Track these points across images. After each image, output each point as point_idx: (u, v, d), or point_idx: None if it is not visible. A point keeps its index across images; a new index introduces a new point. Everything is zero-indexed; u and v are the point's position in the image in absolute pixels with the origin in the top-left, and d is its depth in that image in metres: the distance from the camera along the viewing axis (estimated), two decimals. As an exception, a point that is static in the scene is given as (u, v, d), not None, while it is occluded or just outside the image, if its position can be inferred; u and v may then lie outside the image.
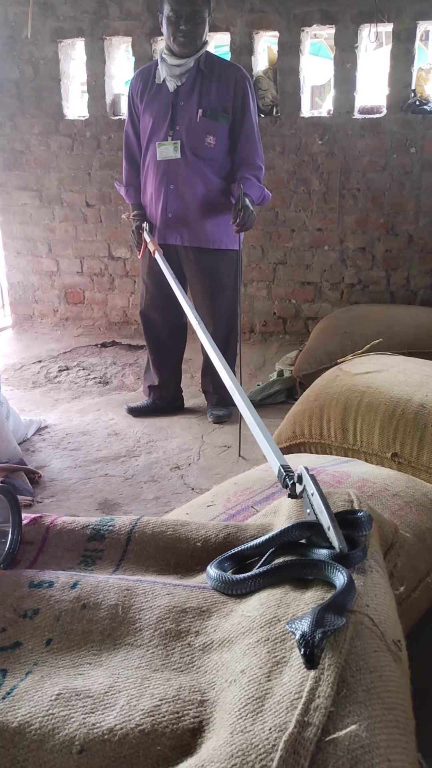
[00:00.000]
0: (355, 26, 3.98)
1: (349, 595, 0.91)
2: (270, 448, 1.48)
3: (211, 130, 3.09)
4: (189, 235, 3.19)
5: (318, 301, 4.52)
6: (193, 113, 3.07)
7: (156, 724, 0.80)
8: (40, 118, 4.69)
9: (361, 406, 2.36)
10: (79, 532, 1.22)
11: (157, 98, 3.13)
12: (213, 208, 3.15)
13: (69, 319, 5.06)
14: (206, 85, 3.07)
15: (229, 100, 3.07)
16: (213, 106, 3.07)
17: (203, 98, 3.07)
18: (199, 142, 3.09)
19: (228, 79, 3.07)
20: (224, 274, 3.20)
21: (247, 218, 3.01)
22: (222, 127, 3.09)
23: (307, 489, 1.17)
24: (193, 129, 3.08)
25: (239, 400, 1.82)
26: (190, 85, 3.07)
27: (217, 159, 3.13)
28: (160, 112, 3.11)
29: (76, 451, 3.15)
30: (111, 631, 0.99)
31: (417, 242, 4.24)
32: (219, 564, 1.08)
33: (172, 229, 3.20)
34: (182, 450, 3.13)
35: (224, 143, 3.12)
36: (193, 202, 3.15)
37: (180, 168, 3.12)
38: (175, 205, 3.16)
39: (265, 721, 0.75)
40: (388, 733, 0.74)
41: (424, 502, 1.72)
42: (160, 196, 3.17)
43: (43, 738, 0.82)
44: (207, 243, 3.20)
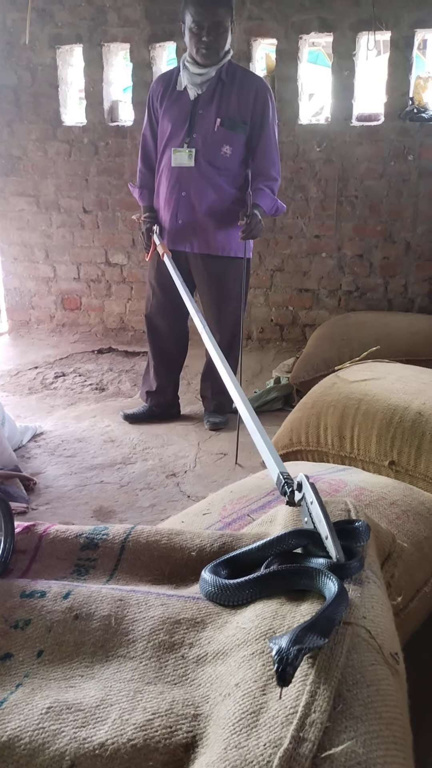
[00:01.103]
0: (353, 34, 3.99)
1: (339, 608, 0.89)
2: (270, 455, 1.47)
3: (228, 140, 3.08)
4: (198, 242, 3.19)
5: (315, 308, 4.51)
6: (211, 122, 3.06)
7: (148, 739, 0.78)
8: (38, 124, 4.69)
9: (358, 413, 2.35)
10: (72, 541, 1.21)
11: (177, 105, 3.12)
12: (224, 217, 3.13)
13: (66, 325, 5.04)
14: (226, 94, 3.06)
15: (248, 111, 3.06)
16: (232, 116, 3.06)
17: (222, 108, 3.06)
18: (215, 152, 3.08)
19: (249, 89, 3.06)
20: (232, 281, 3.18)
21: (254, 226, 3.00)
22: (239, 137, 3.09)
23: (307, 497, 1.16)
24: (210, 138, 3.07)
25: (242, 407, 1.81)
26: (210, 94, 3.06)
27: (231, 169, 3.12)
28: (179, 119, 3.10)
29: (72, 457, 3.13)
30: (103, 643, 0.97)
31: (414, 249, 4.24)
32: (214, 569, 1.07)
33: (181, 236, 3.19)
34: (178, 457, 3.11)
35: (240, 154, 3.11)
36: (204, 211, 3.13)
37: (193, 176, 3.10)
38: (185, 212, 3.15)
39: (259, 736, 0.73)
40: (385, 748, 0.73)
41: (421, 510, 1.70)
42: (172, 202, 3.17)
43: (33, 753, 0.80)
44: (216, 250, 3.19)
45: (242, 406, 1.81)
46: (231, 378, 1.99)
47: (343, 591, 0.91)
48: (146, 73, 4.38)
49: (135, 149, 4.54)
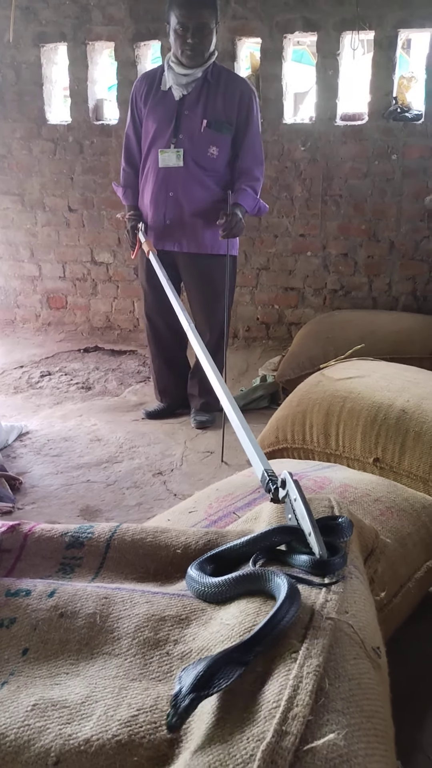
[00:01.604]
0: (337, 34, 4.01)
1: (285, 617, 0.87)
2: (255, 452, 1.48)
3: (214, 141, 3.09)
4: (187, 241, 3.20)
5: (301, 307, 4.53)
6: (197, 123, 3.08)
7: (133, 735, 0.79)
8: (22, 123, 4.67)
9: (343, 411, 2.36)
10: (57, 540, 1.21)
11: (162, 105, 3.12)
12: (211, 216, 3.14)
13: (51, 324, 5.03)
14: (212, 96, 3.07)
15: (233, 113, 3.08)
16: (218, 117, 3.08)
17: (208, 109, 3.07)
18: (202, 153, 3.10)
19: (234, 91, 3.07)
20: (219, 279, 3.20)
21: (234, 225, 3.02)
22: (225, 138, 3.10)
23: (290, 494, 1.17)
24: (196, 139, 3.09)
25: (227, 404, 1.82)
26: (195, 95, 3.07)
27: (218, 170, 3.14)
28: (164, 119, 3.11)
29: (58, 457, 3.12)
30: (88, 641, 0.98)
31: (398, 248, 4.27)
32: (200, 566, 1.08)
33: (170, 236, 3.20)
34: (165, 456, 3.11)
35: (226, 154, 3.13)
36: (192, 210, 3.15)
37: (180, 176, 3.12)
38: (173, 212, 3.16)
39: (243, 730, 0.74)
40: (366, 741, 0.74)
41: (405, 507, 1.72)
42: (159, 202, 3.18)
43: (18, 749, 0.80)
44: (204, 248, 3.20)
45: (228, 405, 1.82)
46: (217, 377, 2.00)
47: (290, 597, 0.89)
48: (131, 72, 4.37)
49: (120, 148, 4.51)
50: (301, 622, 0.87)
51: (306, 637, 0.84)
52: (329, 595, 0.93)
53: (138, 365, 4.38)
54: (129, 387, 4.02)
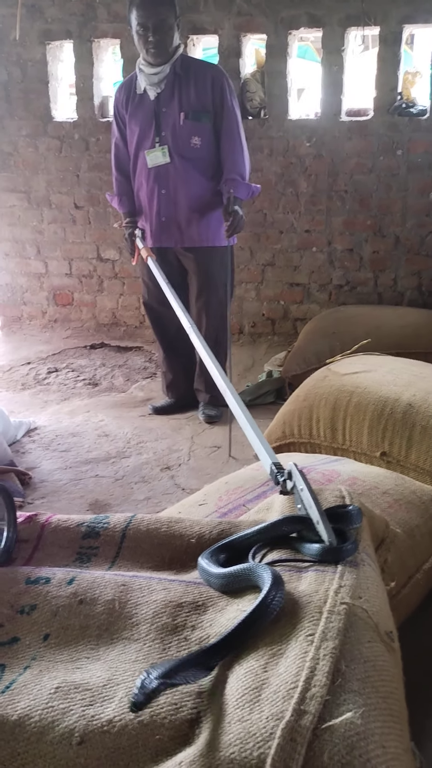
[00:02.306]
0: (341, 29, 4.01)
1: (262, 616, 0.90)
2: (261, 446, 1.50)
3: (195, 132, 3.13)
4: (183, 236, 3.24)
5: (306, 302, 4.54)
6: (176, 117, 3.12)
7: (155, 715, 0.82)
8: (29, 120, 4.68)
9: (350, 405, 2.38)
10: (74, 530, 1.23)
11: (141, 108, 3.18)
12: (204, 208, 3.19)
13: (58, 320, 5.05)
14: (185, 88, 3.11)
15: (208, 99, 3.12)
16: (194, 107, 3.12)
17: (183, 101, 3.11)
18: (185, 145, 3.14)
19: (204, 78, 3.11)
20: (217, 270, 3.23)
21: (237, 222, 3.07)
22: (205, 126, 3.14)
23: (297, 485, 1.19)
24: (177, 133, 3.13)
25: (230, 399, 1.84)
26: (169, 91, 3.12)
27: (204, 158, 3.17)
28: (145, 121, 3.16)
29: (66, 452, 3.15)
30: (108, 626, 1.00)
31: (404, 243, 4.28)
32: (212, 554, 1.10)
33: (166, 233, 3.24)
34: (172, 450, 3.14)
35: (209, 142, 3.16)
36: (185, 204, 3.19)
37: (170, 172, 3.16)
38: (167, 208, 3.21)
39: (262, 710, 0.76)
40: (382, 720, 0.76)
41: (413, 499, 1.74)
42: (153, 201, 3.22)
43: (43, 730, 0.83)
44: (200, 242, 3.24)
45: (231, 399, 1.84)
46: (219, 372, 2.02)
47: (269, 597, 0.92)
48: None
49: (126, 145, 4.56)
50: (316, 607, 0.89)
51: (321, 621, 0.86)
52: (343, 580, 0.95)
53: (144, 361, 4.40)
54: (135, 383, 4.04)
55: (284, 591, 0.94)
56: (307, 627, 0.86)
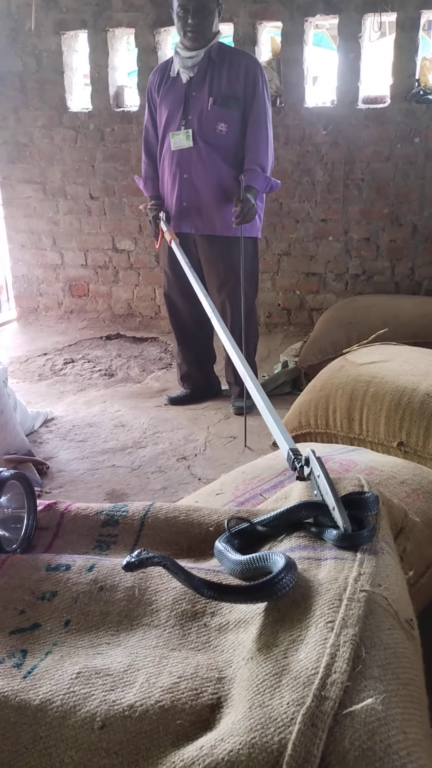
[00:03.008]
0: (358, 16, 3.97)
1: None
2: (280, 432, 1.50)
3: (222, 118, 3.11)
4: (203, 223, 3.22)
5: (322, 292, 4.52)
6: (204, 102, 3.10)
7: (175, 701, 0.82)
8: (44, 111, 4.69)
9: (366, 395, 2.37)
10: (93, 518, 1.24)
11: (172, 90, 3.17)
12: (225, 196, 3.17)
13: (74, 311, 5.07)
14: (217, 73, 3.09)
15: (239, 87, 3.09)
16: (224, 93, 3.09)
17: (214, 87, 3.09)
18: (211, 130, 3.12)
19: (238, 66, 3.09)
20: (236, 261, 3.21)
21: (246, 212, 3.03)
22: (233, 114, 3.11)
23: (314, 471, 1.20)
24: (204, 117, 3.11)
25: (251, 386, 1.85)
26: (201, 76, 3.11)
27: (228, 146, 3.15)
28: (174, 104, 3.15)
29: (83, 442, 3.17)
30: (128, 612, 1.01)
31: (421, 232, 4.24)
32: (228, 539, 1.10)
33: (186, 218, 3.23)
34: (188, 441, 3.14)
35: (236, 130, 3.14)
36: (206, 191, 3.17)
37: (192, 157, 3.15)
38: (188, 193, 3.20)
39: (282, 695, 0.77)
40: (403, 707, 0.76)
41: (430, 489, 1.73)
42: (175, 185, 3.21)
43: (65, 715, 0.84)
44: (220, 230, 3.22)
45: (251, 385, 1.84)
46: (240, 359, 2.02)
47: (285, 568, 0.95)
48: (151, 58, 4.38)
49: (141, 134, 4.52)
50: (336, 594, 0.90)
51: (341, 608, 0.87)
52: (363, 568, 0.95)
53: (160, 352, 4.41)
54: (151, 374, 4.05)
55: (296, 574, 0.95)
56: (327, 614, 0.86)
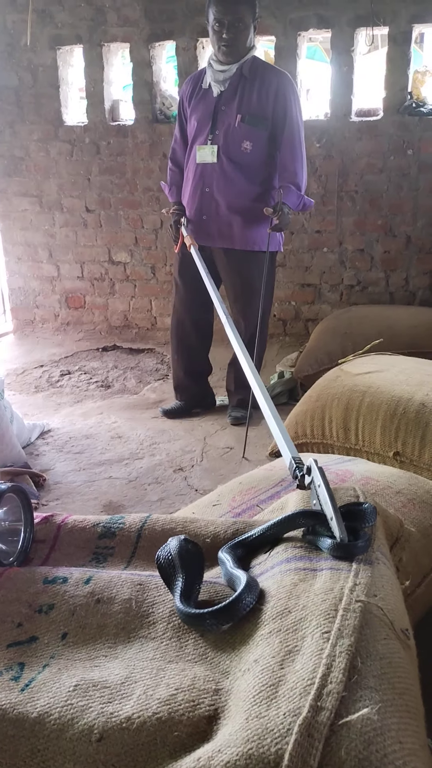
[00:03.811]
0: (351, 30, 4.02)
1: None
2: (284, 441, 1.52)
3: (248, 136, 3.11)
4: (221, 237, 3.23)
5: (318, 303, 4.55)
6: (232, 118, 3.10)
7: (173, 712, 0.82)
8: (40, 125, 4.72)
9: (362, 405, 2.38)
10: (90, 530, 1.25)
11: (203, 102, 3.18)
12: (246, 212, 3.17)
13: (70, 323, 5.08)
14: (248, 90, 3.09)
15: (269, 107, 3.08)
16: (252, 111, 3.09)
17: (243, 104, 3.09)
18: (236, 147, 3.12)
19: (269, 84, 3.08)
20: (255, 275, 3.21)
21: (282, 221, 3.04)
22: (260, 133, 3.11)
23: (315, 481, 1.21)
24: (231, 134, 3.12)
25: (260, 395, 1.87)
26: (232, 91, 3.10)
27: (252, 164, 3.15)
28: (203, 116, 3.16)
29: (80, 454, 3.17)
30: (125, 625, 1.01)
31: (415, 243, 4.27)
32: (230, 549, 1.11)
33: (205, 231, 3.24)
34: (185, 452, 3.15)
35: (261, 149, 3.14)
36: (227, 206, 3.18)
37: (216, 172, 3.16)
38: (209, 207, 3.20)
39: (279, 706, 0.77)
40: (399, 716, 0.76)
41: (427, 499, 1.74)
42: (196, 198, 3.22)
43: (63, 727, 0.84)
44: (239, 244, 3.22)
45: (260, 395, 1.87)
46: (251, 369, 2.04)
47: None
48: (146, 72, 4.42)
49: (136, 148, 4.58)
50: (332, 605, 0.90)
51: (337, 618, 0.87)
52: (358, 578, 0.96)
53: (156, 363, 4.42)
54: (148, 385, 4.06)
55: (256, 595, 1.00)
56: (323, 624, 0.87)
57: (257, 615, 0.96)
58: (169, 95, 4.56)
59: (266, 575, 1.07)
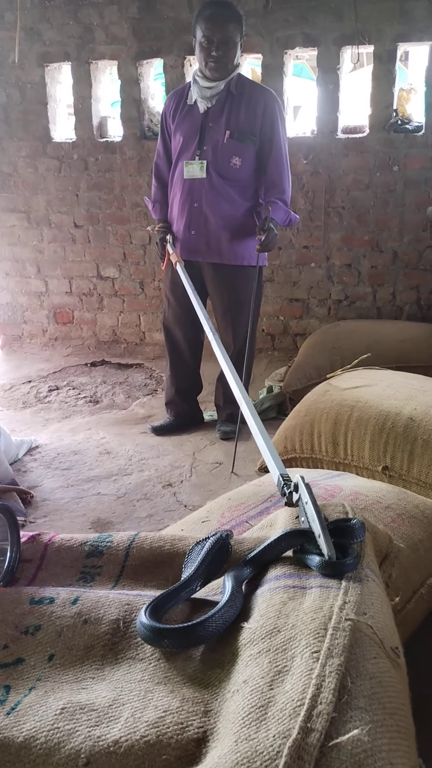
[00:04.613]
0: (336, 48, 4.06)
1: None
2: (271, 458, 1.51)
3: (237, 152, 3.13)
4: (211, 252, 3.23)
5: (306, 318, 4.56)
6: (220, 135, 3.12)
7: (161, 735, 0.81)
8: (28, 141, 4.73)
9: (351, 420, 2.39)
10: (77, 549, 1.23)
11: (188, 118, 3.19)
12: (235, 228, 3.19)
13: (58, 339, 5.07)
14: (235, 107, 3.11)
15: (257, 123, 3.11)
16: (241, 128, 3.12)
17: (231, 121, 3.11)
18: (225, 163, 3.14)
19: (257, 102, 3.11)
20: (243, 290, 3.22)
21: (270, 240, 3.06)
22: (249, 149, 3.14)
23: (303, 498, 1.20)
24: (219, 150, 3.13)
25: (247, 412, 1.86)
26: (219, 108, 3.12)
27: (241, 180, 3.17)
28: (190, 133, 3.17)
29: (68, 470, 3.15)
30: (113, 646, 1.00)
31: (402, 258, 4.30)
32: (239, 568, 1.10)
33: (194, 247, 3.24)
34: (174, 467, 3.13)
35: (250, 165, 3.16)
36: (216, 221, 3.19)
37: (204, 187, 3.17)
38: (197, 223, 3.21)
39: (269, 728, 0.76)
40: (389, 737, 0.76)
41: (416, 514, 1.74)
42: (184, 213, 3.22)
43: (49, 752, 0.82)
44: (228, 259, 3.23)
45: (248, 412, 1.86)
46: (238, 385, 2.03)
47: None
48: (134, 89, 4.44)
49: (124, 164, 4.60)
50: (321, 624, 0.89)
51: (327, 638, 0.86)
52: (348, 597, 0.95)
53: (145, 378, 4.41)
54: (136, 400, 4.05)
55: (226, 620, 1.00)
56: (312, 644, 0.86)
57: (247, 634, 0.95)
58: (157, 112, 4.59)
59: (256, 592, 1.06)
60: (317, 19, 4.04)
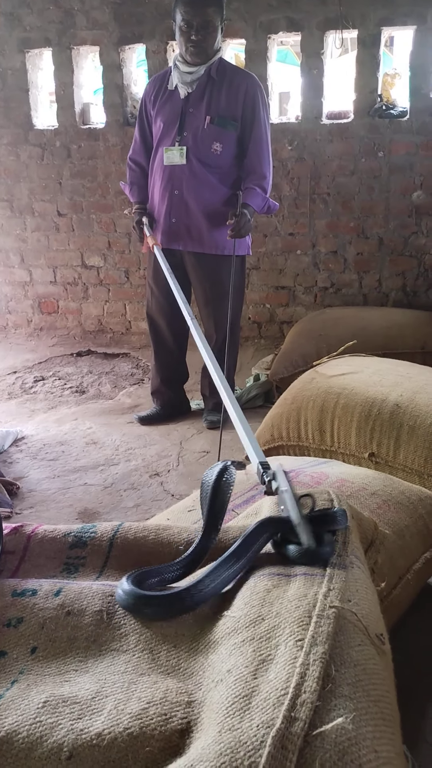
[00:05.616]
0: (320, 33, 4.03)
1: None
2: (251, 446, 1.50)
3: (218, 138, 3.09)
4: (191, 240, 3.20)
5: (292, 305, 4.55)
6: (201, 120, 3.08)
7: (144, 727, 0.80)
8: (9, 129, 4.67)
9: (337, 407, 2.38)
10: (60, 540, 1.22)
11: (169, 104, 3.14)
12: (216, 215, 3.14)
13: (43, 329, 5.03)
14: (216, 92, 3.07)
15: (238, 108, 3.07)
16: (222, 113, 3.08)
17: (212, 105, 3.07)
18: (206, 149, 3.10)
19: (238, 86, 3.07)
20: (226, 279, 3.18)
21: (242, 225, 3.02)
22: (230, 134, 3.10)
23: (281, 486, 1.19)
24: (200, 136, 3.09)
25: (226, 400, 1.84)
26: (200, 93, 3.08)
27: (222, 166, 3.13)
28: (170, 118, 3.12)
29: (54, 461, 3.13)
30: (96, 637, 0.99)
31: (387, 245, 4.30)
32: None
33: (175, 235, 3.20)
34: (161, 457, 3.12)
35: (231, 151, 3.12)
36: (197, 209, 3.15)
37: (185, 174, 3.12)
38: (178, 210, 3.17)
39: (252, 718, 0.76)
40: (374, 725, 0.75)
41: (401, 500, 1.74)
42: (165, 201, 3.18)
43: (31, 746, 0.81)
44: (209, 248, 3.20)
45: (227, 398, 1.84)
46: (217, 372, 2.02)
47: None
48: (116, 75, 4.39)
49: (108, 151, 4.55)
50: (305, 611, 0.89)
51: (311, 626, 0.86)
52: (332, 584, 0.95)
53: (131, 368, 4.39)
54: (123, 390, 4.03)
55: (209, 592, 1.01)
56: (296, 632, 0.85)
57: (231, 623, 0.94)
58: (140, 98, 4.54)
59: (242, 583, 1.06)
60: (300, 3, 4.01)
